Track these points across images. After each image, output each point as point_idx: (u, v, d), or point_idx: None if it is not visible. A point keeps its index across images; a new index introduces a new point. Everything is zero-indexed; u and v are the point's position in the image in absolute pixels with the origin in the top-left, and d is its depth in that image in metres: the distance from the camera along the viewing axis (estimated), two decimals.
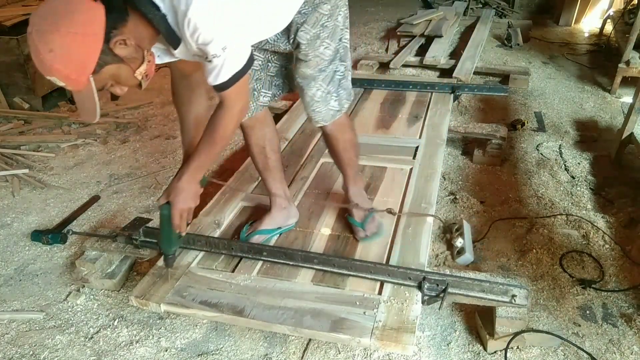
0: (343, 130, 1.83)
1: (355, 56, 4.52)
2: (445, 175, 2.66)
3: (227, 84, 1.35)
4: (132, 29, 1.22)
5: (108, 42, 1.17)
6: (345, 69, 1.75)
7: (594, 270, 2.01)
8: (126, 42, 1.21)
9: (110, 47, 1.18)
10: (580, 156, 2.82)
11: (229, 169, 2.75)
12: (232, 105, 1.42)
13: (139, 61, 1.27)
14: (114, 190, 2.67)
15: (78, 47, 1.12)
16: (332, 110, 1.73)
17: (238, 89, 1.38)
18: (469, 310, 1.83)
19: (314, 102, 1.69)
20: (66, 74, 1.14)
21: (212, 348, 1.73)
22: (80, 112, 1.28)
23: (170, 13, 1.23)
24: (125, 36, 1.20)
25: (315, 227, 2.00)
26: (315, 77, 1.66)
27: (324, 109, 1.71)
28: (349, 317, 1.55)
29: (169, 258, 1.67)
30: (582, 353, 1.65)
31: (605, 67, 4.04)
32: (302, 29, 1.57)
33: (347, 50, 1.76)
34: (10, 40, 3.34)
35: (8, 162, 2.90)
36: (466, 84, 3.39)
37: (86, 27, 1.12)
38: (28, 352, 1.73)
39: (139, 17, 1.22)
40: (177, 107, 1.64)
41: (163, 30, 1.25)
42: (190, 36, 1.24)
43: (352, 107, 3.03)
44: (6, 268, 2.14)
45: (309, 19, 1.57)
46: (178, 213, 1.51)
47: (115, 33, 1.18)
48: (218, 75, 1.33)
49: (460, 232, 2.06)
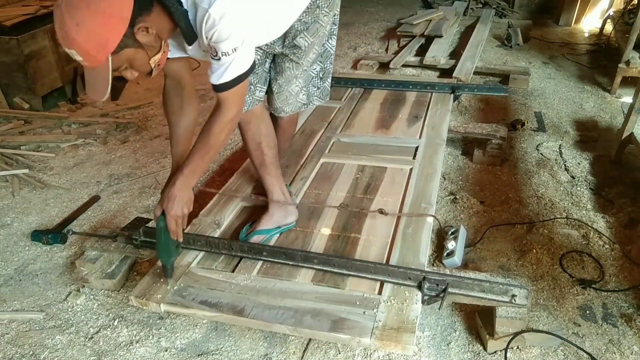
0: (292, 124, 2.03)
1: (355, 56, 4.53)
2: (445, 175, 2.67)
3: (229, 85, 1.40)
4: (154, 19, 1.28)
5: (132, 27, 1.23)
6: (321, 70, 1.86)
7: (594, 270, 2.01)
8: (148, 30, 1.27)
9: (134, 32, 1.24)
10: (580, 156, 2.82)
11: (228, 169, 2.75)
12: (228, 108, 1.45)
13: (155, 50, 1.33)
14: (114, 190, 2.67)
15: (104, 25, 1.17)
16: (299, 103, 1.88)
17: (237, 91, 1.43)
18: (469, 310, 1.83)
19: (290, 95, 1.83)
20: (86, 49, 1.18)
21: (212, 348, 1.73)
22: (89, 90, 1.32)
23: (192, 9, 1.30)
24: (148, 24, 1.26)
25: (315, 227, 2.00)
26: (297, 76, 1.79)
27: (294, 101, 1.86)
28: (349, 317, 1.55)
29: (168, 269, 1.67)
30: (582, 353, 1.65)
31: (605, 67, 4.04)
32: (301, 35, 1.67)
33: (330, 55, 1.85)
34: (10, 40, 3.34)
35: (8, 162, 2.90)
36: (466, 84, 3.39)
37: (114, 9, 1.18)
38: (28, 352, 1.73)
39: (162, 10, 1.29)
40: (168, 115, 1.69)
41: (183, 25, 1.32)
42: (206, 32, 1.30)
43: (352, 107, 3.03)
44: (6, 268, 2.14)
45: (310, 28, 1.67)
46: (173, 220, 1.54)
47: (139, 20, 1.24)
48: (222, 74, 1.38)
49: (455, 236, 2.05)
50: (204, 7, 1.27)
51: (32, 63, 3.43)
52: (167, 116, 1.69)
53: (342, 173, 2.35)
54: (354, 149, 2.55)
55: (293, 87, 1.81)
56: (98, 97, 1.29)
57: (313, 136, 2.69)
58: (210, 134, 1.47)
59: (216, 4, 1.25)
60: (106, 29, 1.18)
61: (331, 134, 2.69)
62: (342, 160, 2.44)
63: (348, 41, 4.98)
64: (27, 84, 3.48)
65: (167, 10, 1.29)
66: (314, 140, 2.65)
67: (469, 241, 2.15)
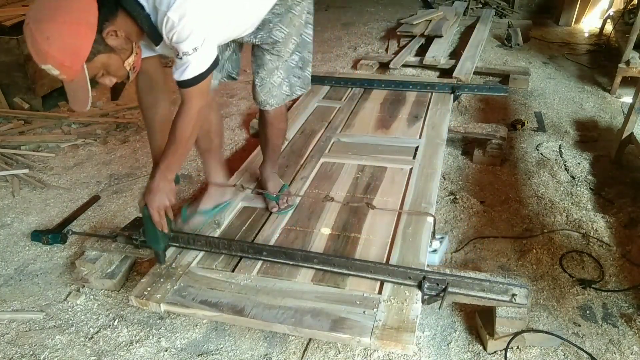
0: (280, 119, 2.01)
1: (355, 56, 4.53)
2: (445, 175, 2.67)
3: (191, 82, 1.46)
4: (121, 23, 1.33)
5: (101, 32, 1.27)
6: (300, 59, 1.88)
7: (594, 270, 2.01)
8: (117, 34, 1.32)
9: (103, 36, 1.29)
10: (580, 156, 2.82)
11: (228, 169, 2.75)
12: (192, 104, 1.51)
13: (128, 52, 1.39)
14: (114, 190, 2.67)
15: (73, 35, 1.21)
16: (283, 94, 1.90)
17: (199, 88, 1.48)
18: (469, 310, 1.83)
19: (273, 87, 1.86)
20: (61, 61, 1.22)
21: (212, 348, 1.73)
22: (72, 102, 1.37)
23: (153, 13, 1.35)
24: (115, 27, 1.31)
25: (315, 226, 2.00)
26: (278, 67, 1.82)
27: (277, 93, 1.88)
28: (349, 316, 1.55)
29: (160, 254, 1.76)
30: (582, 353, 1.65)
31: (605, 67, 4.04)
32: (277, 28, 1.71)
33: (307, 43, 1.88)
34: (10, 40, 3.34)
35: (8, 162, 2.90)
36: (466, 84, 3.39)
37: (81, 17, 1.22)
38: (28, 352, 1.73)
39: (126, 15, 1.34)
40: (143, 111, 1.74)
41: (146, 28, 1.37)
42: (166, 34, 1.36)
43: (352, 107, 3.03)
44: (6, 268, 2.14)
45: (283, 20, 1.71)
46: (155, 211, 1.62)
47: (107, 25, 1.29)
48: (184, 72, 1.44)
49: (441, 240, 2.06)
50: (163, 10, 1.32)
51: (32, 63, 3.41)
52: (142, 112, 1.75)
53: (342, 173, 2.35)
54: (354, 149, 2.55)
55: (275, 78, 1.84)
56: (81, 107, 1.34)
57: (313, 136, 2.69)
58: (177, 129, 1.55)
59: (174, 7, 1.30)
60: (76, 37, 1.22)
61: (331, 134, 2.69)
62: (342, 160, 2.45)
63: (348, 41, 4.98)
64: (27, 84, 3.48)
65: (130, 15, 1.33)
66: (314, 140, 2.65)
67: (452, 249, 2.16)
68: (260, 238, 1.94)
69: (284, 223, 2.03)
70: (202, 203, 2.06)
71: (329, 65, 4.36)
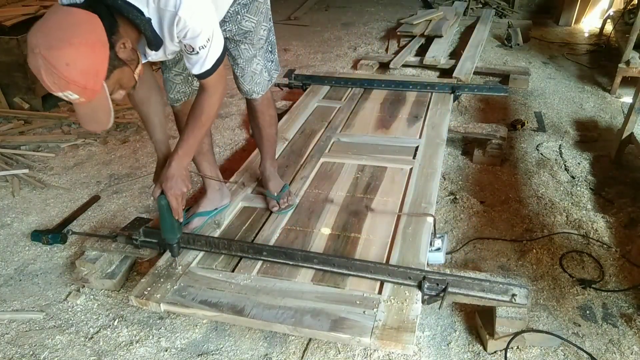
0: (269, 105, 2.00)
1: (355, 56, 4.53)
2: (445, 175, 2.66)
3: (211, 71, 1.47)
4: (124, 33, 1.30)
5: (112, 47, 1.24)
6: (268, 44, 1.89)
7: (594, 270, 2.01)
8: (125, 45, 1.29)
9: (116, 51, 1.26)
10: (580, 156, 2.82)
11: (228, 169, 2.75)
12: (215, 89, 1.53)
13: (135, 62, 1.36)
14: (114, 190, 2.67)
15: (91, 56, 1.18)
16: (266, 80, 1.91)
17: (219, 73, 1.50)
18: (469, 310, 1.83)
19: (256, 75, 1.87)
20: (83, 84, 1.18)
21: (212, 348, 1.73)
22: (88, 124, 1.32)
23: (156, 16, 1.33)
24: (123, 39, 1.28)
25: (315, 226, 2.00)
26: (256, 55, 1.84)
27: (260, 79, 1.89)
28: (349, 316, 1.55)
29: (174, 246, 1.72)
30: (582, 353, 1.65)
31: (605, 67, 4.04)
32: (245, 18, 1.72)
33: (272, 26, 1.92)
34: (10, 40, 3.34)
35: (8, 162, 2.90)
36: (466, 84, 3.39)
37: (93, 37, 1.18)
38: (28, 352, 1.73)
39: (126, 22, 1.30)
40: (137, 108, 1.73)
41: (149, 33, 1.34)
42: (178, 33, 1.34)
43: (352, 107, 3.03)
44: (6, 268, 2.14)
45: (250, 9, 1.71)
46: (174, 198, 1.60)
47: (114, 38, 1.25)
48: (203, 64, 1.45)
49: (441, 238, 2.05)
50: (171, 11, 1.30)
51: None
52: (136, 109, 1.74)
53: (342, 173, 2.35)
54: (354, 149, 2.55)
55: (255, 66, 1.85)
56: (101, 127, 1.32)
57: (313, 136, 2.69)
58: (202, 112, 1.56)
59: (183, 6, 1.29)
60: (94, 57, 1.19)
61: (331, 134, 2.69)
62: (342, 160, 2.44)
63: (348, 41, 4.98)
64: (27, 84, 3.48)
65: (131, 22, 1.31)
66: (314, 140, 2.65)
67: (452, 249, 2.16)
68: (260, 238, 1.94)
69: (284, 223, 2.03)
70: (201, 206, 2.06)
71: (329, 65, 4.36)
